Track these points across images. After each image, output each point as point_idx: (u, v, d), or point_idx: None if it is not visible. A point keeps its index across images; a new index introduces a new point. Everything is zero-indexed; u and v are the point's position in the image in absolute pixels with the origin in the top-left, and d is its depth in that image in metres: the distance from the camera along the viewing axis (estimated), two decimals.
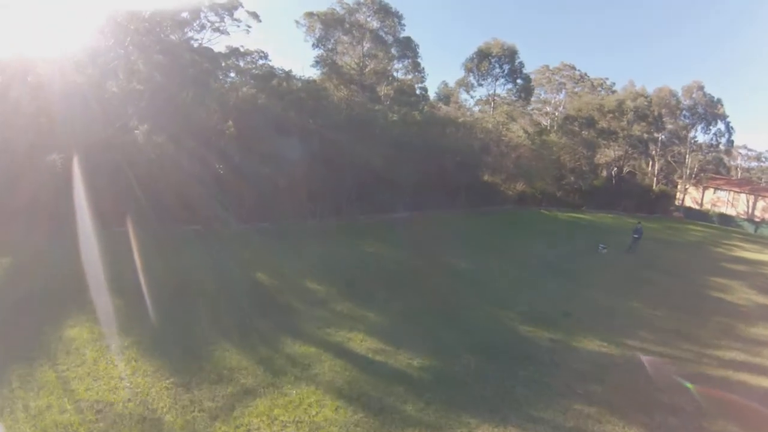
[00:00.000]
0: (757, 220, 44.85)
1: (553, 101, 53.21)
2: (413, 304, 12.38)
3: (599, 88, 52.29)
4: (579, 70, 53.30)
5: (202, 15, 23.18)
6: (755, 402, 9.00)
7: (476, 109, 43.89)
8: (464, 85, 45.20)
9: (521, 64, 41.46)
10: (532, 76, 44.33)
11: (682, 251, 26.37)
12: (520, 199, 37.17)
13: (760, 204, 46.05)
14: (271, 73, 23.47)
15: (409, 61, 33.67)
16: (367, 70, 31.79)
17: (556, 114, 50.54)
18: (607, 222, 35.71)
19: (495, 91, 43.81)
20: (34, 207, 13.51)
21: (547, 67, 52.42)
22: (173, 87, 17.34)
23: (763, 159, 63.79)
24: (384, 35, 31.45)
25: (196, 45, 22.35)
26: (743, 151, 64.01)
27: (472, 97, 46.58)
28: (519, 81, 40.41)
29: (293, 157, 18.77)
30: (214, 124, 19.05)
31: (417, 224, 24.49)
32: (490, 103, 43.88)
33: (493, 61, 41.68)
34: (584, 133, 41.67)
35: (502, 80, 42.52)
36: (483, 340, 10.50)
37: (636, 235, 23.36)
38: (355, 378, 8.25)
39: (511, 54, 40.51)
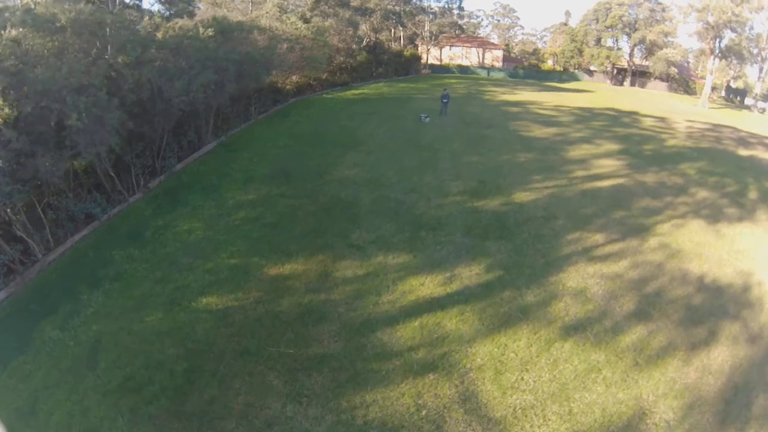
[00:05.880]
0: (487, 66, 55.32)
1: None
2: None
3: None
4: None
5: None
6: None
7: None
8: None
9: None
10: None
11: (471, 106, 30.53)
12: (298, 90, 35.52)
13: (488, 55, 56.60)
14: None
15: None
16: None
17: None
18: (387, 91, 36.26)
19: None
20: None
21: None
22: None
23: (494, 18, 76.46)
24: None
25: None
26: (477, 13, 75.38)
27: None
28: None
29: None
30: None
31: (242, 148, 20.55)
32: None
33: None
34: (341, 12, 40.95)
35: None
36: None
37: (445, 100, 25.68)
38: None
39: None
